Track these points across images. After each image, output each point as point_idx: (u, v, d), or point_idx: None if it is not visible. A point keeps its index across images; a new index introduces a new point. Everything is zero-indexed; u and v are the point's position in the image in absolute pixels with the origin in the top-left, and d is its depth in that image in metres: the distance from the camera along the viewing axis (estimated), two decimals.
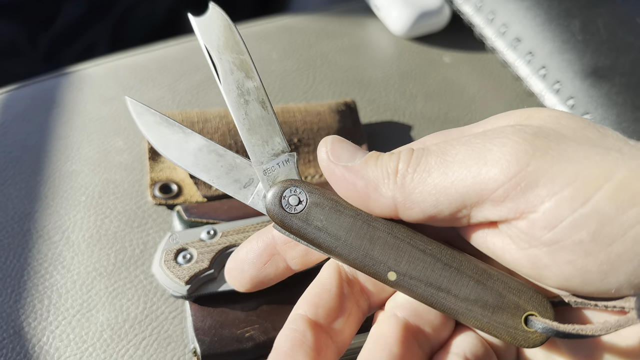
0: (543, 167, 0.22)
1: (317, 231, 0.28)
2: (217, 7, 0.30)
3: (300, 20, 0.60)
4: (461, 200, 0.24)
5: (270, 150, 0.30)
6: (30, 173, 0.46)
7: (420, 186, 0.25)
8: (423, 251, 0.27)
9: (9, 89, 0.53)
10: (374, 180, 0.26)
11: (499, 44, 0.56)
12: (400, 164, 0.26)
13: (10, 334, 0.39)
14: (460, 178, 0.24)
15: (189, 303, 0.39)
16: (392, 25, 0.59)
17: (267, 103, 0.30)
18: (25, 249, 0.43)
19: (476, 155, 0.24)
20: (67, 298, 0.41)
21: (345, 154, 0.28)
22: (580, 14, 0.54)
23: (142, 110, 0.31)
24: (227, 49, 0.30)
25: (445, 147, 0.25)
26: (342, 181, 0.27)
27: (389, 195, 0.26)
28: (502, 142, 0.23)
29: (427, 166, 0.25)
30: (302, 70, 0.56)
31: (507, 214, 0.23)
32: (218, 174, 0.31)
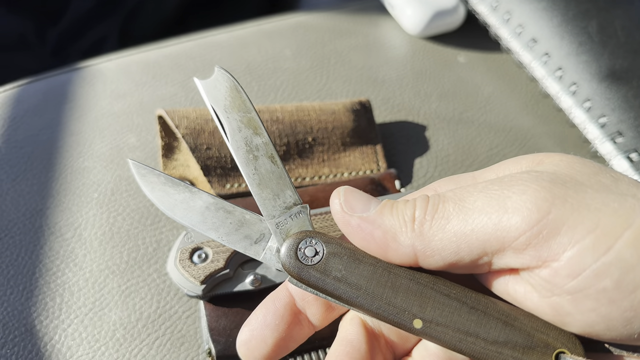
0: (564, 215, 0.22)
1: (336, 282, 0.27)
2: (223, 70, 0.31)
3: (313, 18, 0.60)
4: (482, 248, 0.24)
5: (282, 204, 0.30)
6: (42, 169, 0.46)
7: (440, 233, 0.25)
8: (447, 296, 0.27)
9: (20, 83, 0.52)
10: (391, 229, 0.26)
11: (514, 45, 0.56)
12: (417, 211, 0.26)
13: (22, 331, 0.39)
14: (480, 225, 0.24)
15: (204, 303, 0.38)
16: (406, 24, 0.58)
17: (276, 157, 0.30)
18: (37, 245, 0.42)
19: (496, 202, 0.24)
20: (80, 296, 0.40)
21: (359, 204, 0.27)
22: (597, 16, 0.54)
23: (146, 172, 0.31)
24: (234, 109, 0.30)
25: (462, 193, 0.25)
26: (359, 232, 0.27)
27: (408, 243, 0.26)
28: (521, 190, 0.23)
29: (445, 213, 0.25)
30: (316, 69, 0.55)
31: (529, 262, 0.23)
32: (227, 231, 0.30)
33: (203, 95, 0.30)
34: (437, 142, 0.50)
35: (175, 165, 0.46)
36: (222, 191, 0.44)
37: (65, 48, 0.81)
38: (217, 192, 0.44)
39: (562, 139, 0.52)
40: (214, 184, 0.44)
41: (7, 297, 0.40)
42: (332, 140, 0.48)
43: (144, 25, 0.83)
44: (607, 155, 0.49)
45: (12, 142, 0.48)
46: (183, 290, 0.38)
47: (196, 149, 0.44)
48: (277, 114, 0.47)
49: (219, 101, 0.30)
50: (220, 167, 0.45)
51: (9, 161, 0.46)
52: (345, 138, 0.48)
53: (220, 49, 0.56)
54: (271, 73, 0.54)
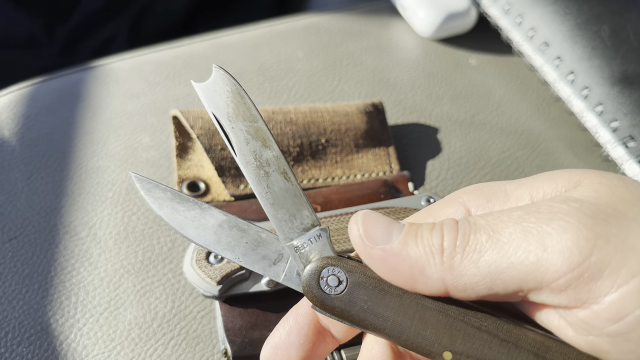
0: (606, 257, 0.21)
1: (362, 312, 0.26)
2: (221, 70, 0.28)
3: (325, 19, 0.60)
4: (518, 285, 0.23)
5: (299, 225, 0.28)
6: (56, 167, 0.46)
7: (472, 268, 0.23)
8: (478, 328, 0.25)
9: (34, 82, 0.52)
10: (418, 262, 0.24)
11: (526, 48, 0.56)
12: (446, 241, 0.24)
13: (37, 330, 0.39)
14: (517, 262, 0.23)
15: (219, 303, 0.38)
16: (418, 26, 0.59)
17: (289, 174, 0.28)
18: (52, 244, 0.42)
19: (534, 238, 0.22)
20: (95, 295, 0.40)
21: (380, 232, 0.25)
22: (610, 20, 0.54)
23: (151, 187, 0.29)
24: (239, 117, 0.28)
25: (495, 224, 0.24)
26: (383, 265, 0.25)
27: (437, 277, 0.24)
28: (561, 227, 0.22)
29: (477, 245, 0.23)
30: (328, 70, 0.55)
31: (567, 302, 0.22)
32: (244, 251, 0.28)
33: (203, 101, 0.28)
34: (449, 145, 0.51)
35: (189, 165, 0.46)
36: (236, 192, 0.44)
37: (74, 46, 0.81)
38: (232, 193, 0.44)
39: (574, 142, 0.52)
40: (228, 185, 0.45)
41: (23, 295, 0.40)
42: (345, 142, 0.48)
43: (153, 24, 0.83)
44: (618, 159, 0.49)
45: (26, 140, 0.48)
46: (199, 291, 0.38)
47: (211, 150, 0.44)
48: (290, 115, 0.47)
49: (221, 108, 0.28)
50: (235, 168, 0.45)
51: (24, 159, 0.46)
52: (358, 140, 0.48)
53: (233, 50, 0.56)
54: (284, 74, 0.54)
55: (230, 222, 0.28)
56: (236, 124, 0.28)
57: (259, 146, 0.28)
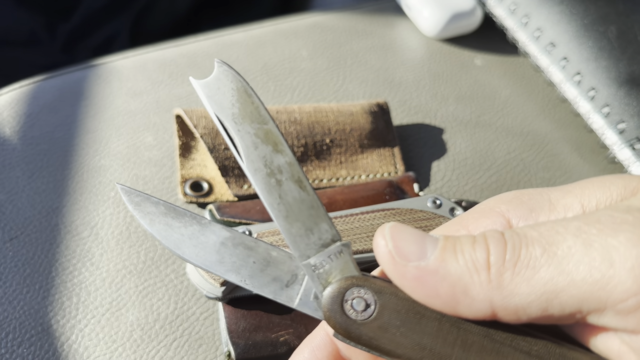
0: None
1: (394, 340, 0.23)
2: (225, 65, 0.25)
3: (330, 19, 0.59)
4: (578, 306, 0.20)
5: (317, 240, 0.24)
6: (57, 166, 0.46)
7: (525, 287, 0.21)
8: (528, 353, 0.23)
9: (35, 80, 0.52)
10: (461, 281, 0.21)
11: (532, 49, 0.55)
12: (492, 256, 0.21)
13: (38, 331, 0.38)
14: (579, 279, 0.20)
15: (222, 305, 0.38)
16: (423, 25, 0.58)
17: (304, 182, 0.25)
18: (54, 244, 0.42)
19: (598, 253, 0.20)
20: (96, 296, 0.40)
21: (412, 247, 0.22)
22: (617, 21, 0.54)
23: (140, 200, 0.25)
24: (246, 119, 0.25)
25: (550, 235, 0.21)
26: (419, 287, 0.22)
27: (483, 298, 0.21)
28: (629, 240, 0.20)
29: (531, 261, 0.21)
30: (333, 69, 0.55)
31: (633, 327, 0.20)
32: (251, 272, 0.25)
33: (203, 101, 0.25)
34: (455, 145, 0.50)
35: (193, 165, 0.46)
36: (240, 192, 0.44)
37: (76, 44, 0.80)
38: (235, 193, 0.44)
39: (580, 144, 0.52)
40: (232, 185, 0.44)
41: (24, 295, 0.40)
42: (350, 142, 0.47)
43: (156, 23, 0.82)
44: (625, 161, 0.48)
45: (27, 138, 0.47)
46: (202, 292, 0.38)
47: (214, 149, 0.44)
48: (295, 114, 0.47)
49: (225, 108, 0.25)
50: (238, 168, 0.44)
51: (25, 158, 0.46)
52: (363, 140, 0.48)
53: (236, 48, 0.55)
54: (288, 73, 0.54)
55: (234, 239, 0.25)
56: (243, 126, 0.25)
57: (269, 151, 0.25)
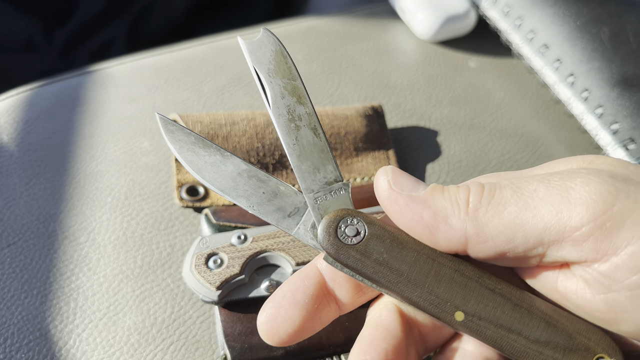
0: (628, 208, 0.22)
1: (377, 265, 0.26)
2: (269, 32, 0.30)
3: (324, 23, 0.60)
4: (539, 237, 0.23)
5: (322, 179, 0.28)
6: (55, 172, 0.46)
7: (496, 219, 0.24)
8: (492, 290, 0.26)
9: (32, 86, 0.52)
10: (443, 211, 0.25)
11: (525, 50, 0.56)
12: (472, 196, 0.25)
13: (36, 336, 0.39)
14: (540, 214, 0.23)
15: (219, 308, 0.38)
16: (417, 28, 0.58)
17: (319, 130, 0.29)
18: (51, 250, 0.42)
19: (558, 192, 0.23)
20: (94, 301, 0.40)
21: (408, 181, 0.26)
22: (609, 22, 0.54)
23: (175, 129, 0.29)
24: (278, 74, 0.29)
25: (520, 183, 0.24)
26: (407, 212, 0.25)
27: (460, 227, 0.24)
28: (584, 182, 0.23)
29: (502, 199, 0.24)
30: (327, 73, 0.55)
31: (587, 255, 0.22)
32: (259, 200, 0.28)
33: (246, 56, 0.29)
34: (449, 148, 0.50)
35: None
36: None
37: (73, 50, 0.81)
38: None
39: (574, 145, 0.52)
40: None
41: (22, 301, 0.40)
42: (345, 146, 0.48)
43: (152, 28, 0.83)
44: None
45: (25, 145, 0.48)
46: (198, 296, 0.38)
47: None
48: None
49: (263, 64, 0.29)
50: None
51: (22, 164, 0.46)
52: (358, 143, 0.48)
53: (231, 53, 0.56)
54: None
55: (250, 171, 0.29)
56: (275, 79, 0.29)
57: (293, 102, 0.29)
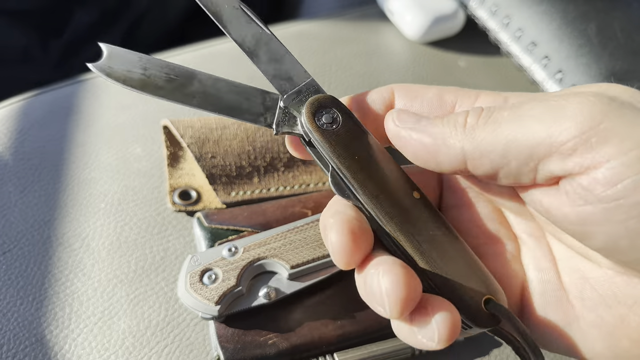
0: (614, 126, 0.23)
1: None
2: None
3: (314, 26, 0.60)
4: (530, 152, 0.24)
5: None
6: (49, 180, 0.47)
7: (490, 136, 0.25)
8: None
9: (26, 96, 0.53)
10: (441, 134, 0.26)
11: (514, 49, 0.56)
12: (470, 118, 0.26)
13: (32, 342, 0.39)
14: (532, 130, 0.24)
15: None
16: (406, 30, 0.59)
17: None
18: (46, 256, 0.43)
19: (552, 111, 0.24)
20: (89, 305, 0.41)
21: (411, 118, 0.28)
22: (596, 18, 0.54)
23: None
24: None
25: (519, 103, 0.26)
26: (410, 140, 0.27)
27: (458, 146, 0.26)
28: (579, 101, 0.24)
29: (498, 118, 0.25)
30: (318, 76, 0.56)
31: (571, 168, 0.24)
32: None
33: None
34: None
35: (181, 174, 0.46)
36: (228, 199, 0.45)
37: (69, 60, 0.82)
38: (223, 200, 0.44)
39: None
40: (220, 192, 0.45)
41: (17, 307, 0.40)
42: None
43: (146, 36, 0.84)
44: None
45: (19, 154, 0.48)
46: (198, 314, 0.38)
47: (201, 158, 0.45)
48: None
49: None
50: (225, 175, 0.45)
51: (17, 173, 0.47)
52: None
53: (223, 59, 0.56)
54: None
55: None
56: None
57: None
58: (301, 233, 0.40)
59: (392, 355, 0.39)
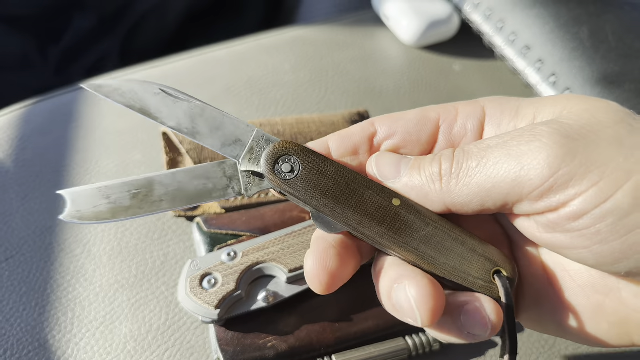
0: (572, 171, 0.25)
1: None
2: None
3: (311, 32, 0.61)
4: (504, 200, 0.27)
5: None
6: (50, 187, 0.47)
7: (466, 190, 0.28)
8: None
9: (26, 104, 0.53)
10: (422, 190, 0.29)
11: (508, 52, 0.57)
12: (444, 169, 0.28)
13: (35, 346, 0.40)
14: (500, 181, 0.27)
15: None
16: (402, 34, 0.60)
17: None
18: (48, 262, 0.43)
19: (514, 160, 0.26)
20: (91, 310, 0.41)
21: (391, 169, 0.30)
22: (588, 21, 0.55)
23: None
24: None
25: (485, 150, 0.28)
26: (396, 190, 0.30)
27: (438, 200, 0.29)
28: (537, 147, 0.26)
29: (469, 171, 0.28)
30: (315, 81, 0.56)
31: (541, 209, 0.27)
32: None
33: None
34: None
35: None
36: (227, 204, 0.45)
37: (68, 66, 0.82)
38: (222, 205, 0.45)
39: None
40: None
41: (21, 313, 0.41)
42: None
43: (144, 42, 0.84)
44: None
45: (20, 161, 0.49)
46: (198, 318, 0.39)
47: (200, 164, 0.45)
48: (278, 127, 0.48)
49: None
50: None
51: (18, 180, 0.47)
52: None
53: (220, 65, 0.57)
54: (271, 87, 0.56)
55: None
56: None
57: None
58: (299, 237, 0.41)
59: (389, 356, 0.39)
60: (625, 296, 0.28)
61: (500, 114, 0.30)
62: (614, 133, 0.26)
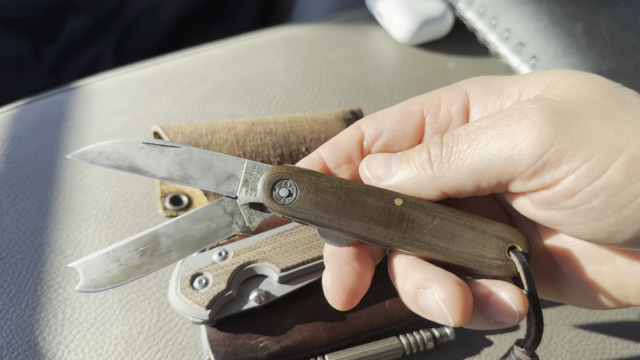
0: (564, 147, 0.25)
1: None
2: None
3: (304, 30, 0.61)
4: (497, 179, 0.27)
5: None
6: (41, 188, 0.47)
7: (459, 172, 0.28)
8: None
9: (17, 104, 0.53)
10: (416, 179, 0.29)
11: (502, 49, 0.57)
12: (433, 152, 0.28)
13: (25, 349, 0.39)
14: (493, 161, 0.27)
15: None
16: (395, 32, 0.59)
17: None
18: (38, 263, 0.43)
19: (506, 140, 0.27)
20: (81, 312, 0.41)
21: (382, 169, 0.30)
22: (582, 18, 0.55)
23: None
24: None
25: (474, 132, 0.28)
26: (391, 188, 0.30)
27: (433, 186, 0.28)
28: (527, 125, 0.26)
29: (460, 154, 0.28)
30: (308, 80, 0.56)
31: (535, 187, 0.27)
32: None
33: None
34: None
35: None
36: None
37: (62, 67, 0.82)
38: None
39: None
40: (210, 197, 0.45)
41: (10, 315, 0.41)
42: None
43: (138, 42, 0.84)
44: None
45: (11, 162, 0.48)
46: (189, 318, 0.38)
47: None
48: (270, 125, 0.48)
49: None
50: None
51: (9, 181, 0.47)
52: None
53: (213, 64, 0.57)
54: (264, 85, 0.55)
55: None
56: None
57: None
58: (291, 236, 0.40)
59: (383, 355, 0.39)
60: (619, 264, 0.29)
61: (484, 94, 0.30)
62: (603, 108, 0.26)
